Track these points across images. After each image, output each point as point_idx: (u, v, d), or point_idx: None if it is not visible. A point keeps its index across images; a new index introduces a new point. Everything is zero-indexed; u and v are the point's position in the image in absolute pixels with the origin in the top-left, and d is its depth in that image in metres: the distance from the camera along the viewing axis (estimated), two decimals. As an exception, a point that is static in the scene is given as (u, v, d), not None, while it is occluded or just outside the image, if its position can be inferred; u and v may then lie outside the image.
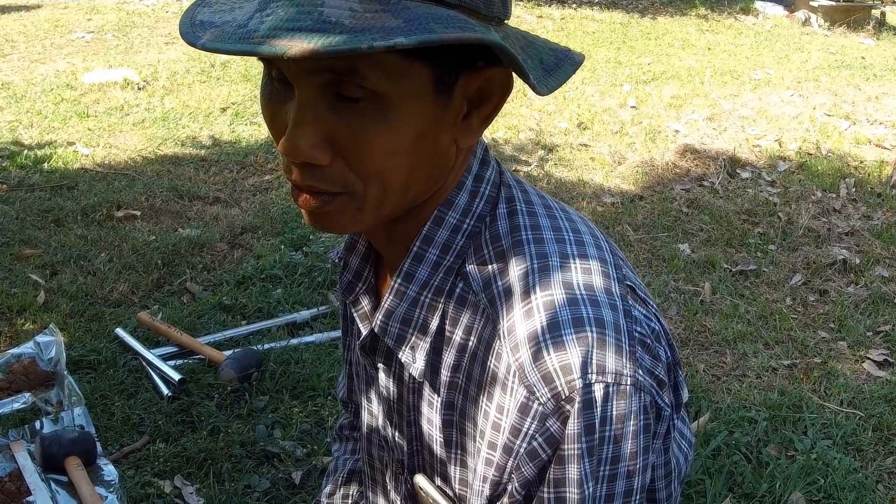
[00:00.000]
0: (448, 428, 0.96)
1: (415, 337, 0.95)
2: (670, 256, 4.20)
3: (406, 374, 1.01)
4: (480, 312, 0.91)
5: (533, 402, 0.84)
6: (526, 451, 0.85)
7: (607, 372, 0.83)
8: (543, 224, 0.94)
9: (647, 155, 5.56)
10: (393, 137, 0.83)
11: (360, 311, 1.05)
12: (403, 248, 0.96)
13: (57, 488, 2.45)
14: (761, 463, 2.74)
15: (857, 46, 9.90)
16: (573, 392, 0.82)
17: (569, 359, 0.83)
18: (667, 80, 7.50)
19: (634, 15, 10.82)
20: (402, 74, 0.80)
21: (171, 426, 2.75)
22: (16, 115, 5.83)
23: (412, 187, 0.89)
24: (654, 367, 0.88)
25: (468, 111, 0.89)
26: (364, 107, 0.81)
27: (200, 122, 5.84)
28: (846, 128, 6.32)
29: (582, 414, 0.82)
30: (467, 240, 0.94)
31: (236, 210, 4.47)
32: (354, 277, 1.06)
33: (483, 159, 0.97)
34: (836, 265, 4.21)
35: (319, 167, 0.85)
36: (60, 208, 4.32)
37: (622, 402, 0.83)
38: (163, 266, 3.81)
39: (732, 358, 3.40)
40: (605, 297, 0.88)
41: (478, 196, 0.95)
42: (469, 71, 0.85)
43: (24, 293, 3.47)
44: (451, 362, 0.93)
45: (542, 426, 0.84)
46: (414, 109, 0.83)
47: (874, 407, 3.10)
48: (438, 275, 0.94)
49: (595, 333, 0.84)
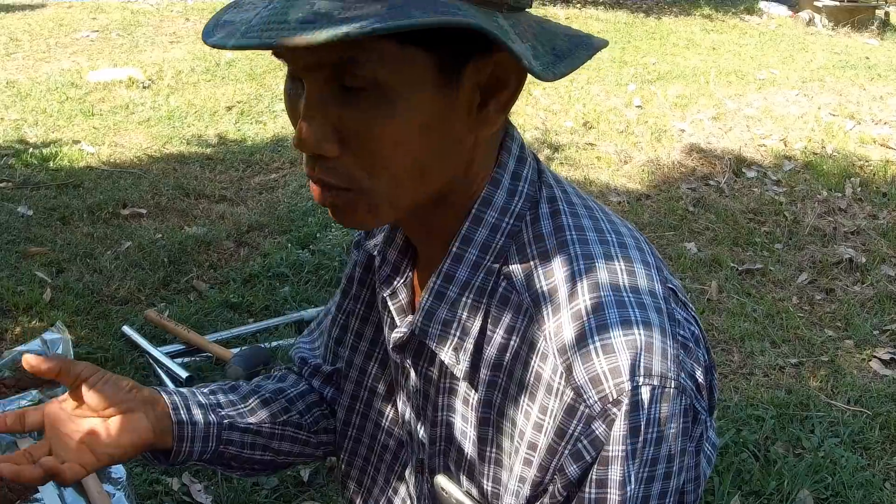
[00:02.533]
0: (484, 426, 0.95)
1: (457, 338, 0.94)
2: (677, 255, 4.20)
3: (435, 373, 1.00)
4: (523, 312, 0.90)
5: (580, 405, 0.84)
6: (570, 452, 0.85)
7: (654, 374, 0.83)
8: (587, 225, 0.93)
9: (652, 154, 5.56)
10: (398, 127, 0.82)
11: (396, 305, 1.04)
12: (440, 245, 0.95)
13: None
14: (769, 461, 2.74)
15: (862, 46, 9.88)
16: (621, 395, 0.82)
17: (618, 361, 0.83)
18: (672, 79, 7.49)
19: (639, 15, 10.81)
20: (401, 63, 0.80)
21: (179, 423, 2.75)
22: (21, 114, 5.84)
23: (427, 179, 0.88)
24: (694, 370, 0.89)
25: (483, 100, 0.88)
26: (368, 97, 0.81)
27: (206, 121, 5.85)
28: (851, 127, 6.31)
29: (629, 416, 0.82)
30: (507, 239, 0.93)
31: (242, 208, 4.47)
32: (392, 271, 1.05)
33: (520, 157, 0.96)
34: (843, 264, 4.20)
35: (329, 159, 0.85)
36: (66, 206, 4.32)
37: (666, 405, 0.84)
38: (169, 264, 3.81)
39: (740, 356, 3.40)
40: (650, 300, 0.88)
41: (516, 194, 0.94)
42: (477, 58, 0.85)
43: (30, 291, 3.47)
44: (492, 360, 0.92)
45: (587, 428, 0.84)
46: (418, 98, 0.82)
47: (881, 405, 3.10)
48: (479, 275, 0.93)
49: (643, 336, 0.84)
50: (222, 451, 1.16)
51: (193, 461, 1.15)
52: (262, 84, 6.68)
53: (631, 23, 10.25)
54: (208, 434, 1.14)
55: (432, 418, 1.02)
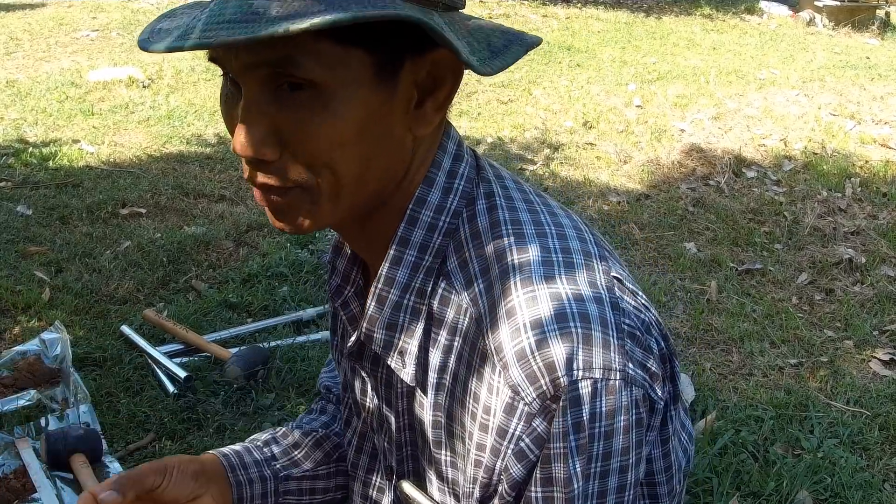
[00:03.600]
0: (437, 429, 0.94)
1: (402, 342, 0.93)
2: (676, 255, 4.20)
3: (394, 379, 0.99)
4: (464, 312, 0.89)
5: (518, 403, 0.83)
6: (514, 451, 0.84)
7: (594, 367, 0.82)
8: (524, 219, 0.92)
9: (652, 154, 5.55)
10: (336, 127, 0.82)
11: (348, 315, 1.04)
12: (381, 250, 0.95)
13: (62, 485, 2.44)
14: (768, 461, 2.74)
15: (862, 46, 9.88)
16: (559, 390, 0.81)
17: (552, 356, 0.81)
18: (672, 79, 7.49)
19: (639, 14, 10.81)
20: (337, 61, 0.80)
21: (177, 424, 2.75)
22: (21, 113, 5.83)
23: (369, 179, 0.87)
24: (646, 359, 0.86)
25: (421, 98, 0.88)
26: (305, 98, 0.82)
27: (206, 120, 5.84)
28: (851, 127, 6.31)
29: (569, 412, 0.81)
30: (445, 238, 0.92)
31: (242, 208, 4.47)
32: (343, 281, 1.04)
33: (456, 154, 0.95)
34: (842, 264, 4.20)
35: (270, 163, 0.85)
36: (65, 206, 4.32)
37: (611, 398, 0.82)
38: (168, 264, 3.80)
39: (739, 357, 3.39)
40: (589, 291, 0.86)
41: (451, 192, 0.93)
42: (414, 56, 0.84)
43: (29, 290, 3.47)
44: (438, 363, 0.92)
45: (528, 426, 0.83)
46: (355, 97, 0.82)
47: (880, 406, 3.09)
48: (419, 276, 0.92)
49: (580, 329, 0.83)
50: (282, 502, 1.20)
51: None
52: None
53: (631, 22, 10.24)
54: (266, 491, 1.17)
55: (396, 424, 1.01)
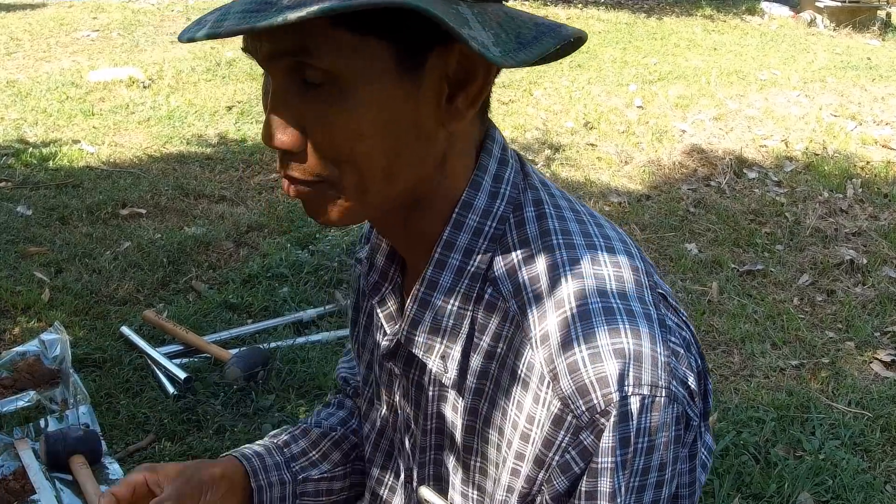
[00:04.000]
0: (469, 434, 0.93)
1: (444, 346, 0.92)
2: (677, 256, 4.19)
3: (426, 381, 0.98)
4: (510, 320, 0.88)
5: (567, 415, 0.82)
6: (558, 463, 0.83)
7: (643, 384, 0.81)
8: (573, 229, 0.91)
9: (653, 154, 5.55)
10: (355, 119, 0.81)
11: (385, 312, 1.02)
12: (423, 250, 0.94)
13: (62, 487, 2.44)
14: (769, 463, 2.73)
15: (863, 47, 9.88)
16: (609, 405, 0.80)
17: (605, 371, 0.81)
18: (673, 80, 7.48)
19: (640, 15, 10.81)
20: (354, 51, 0.79)
21: (177, 425, 2.74)
22: (21, 114, 5.83)
23: (397, 174, 0.86)
24: (686, 377, 0.86)
25: (452, 92, 0.85)
26: (325, 90, 0.81)
27: (206, 121, 5.84)
28: (852, 128, 6.30)
29: (618, 427, 0.81)
30: (491, 243, 0.91)
31: (242, 208, 4.46)
32: (381, 277, 1.03)
33: (501, 158, 0.93)
34: (844, 265, 4.19)
35: (294, 154, 0.85)
36: (65, 206, 4.31)
37: (656, 414, 0.82)
38: (168, 264, 3.80)
39: (740, 358, 3.39)
40: (639, 307, 0.86)
41: (498, 197, 0.92)
42: (440, 47, 0.82)
43: (28, 291, 3.46)
44: (478, 368, 0.91)
45: (575, 439, 0.82)
46: (376, 89, 0.81)
47: (882, 407, 3.08)
48: (464, 281, 0.91)
49: (632, 345, 0.82)
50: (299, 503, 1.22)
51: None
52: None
53: (632, 23, 10.24)
54: (284, 494, 1.19)
55: (423, 426, 1.00)
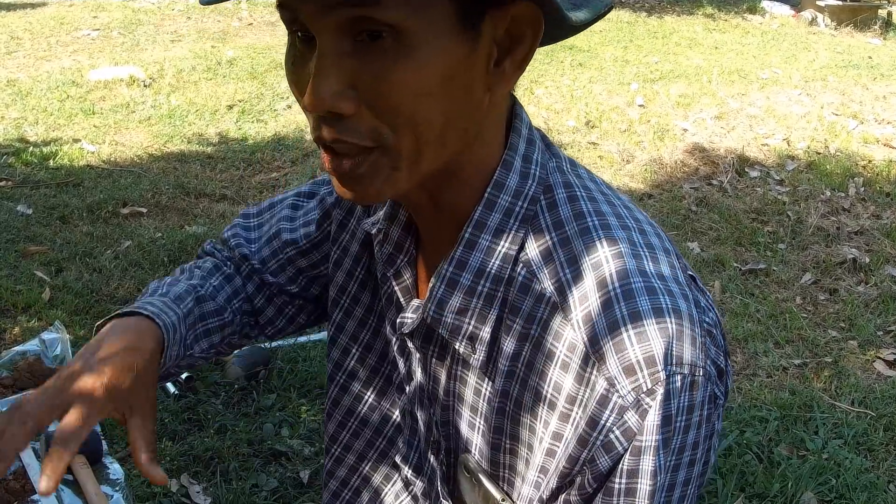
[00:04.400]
0: (500, 416, 0.93)
1: (472, 327, 0.91)
2: (679, 255, 4.18)
3: (448, 360, 0.97)
4: (546, 301, 0.87)
5: (613, 394, 0.82)
6: (602, 443, 0.83)
7: (685, 363, 0.82)
8: (606, 210, 0.91)
9: (655, 153, 5.54)
10: (419, 75, 0.79)
11: (402, 285, 1.01)
12: (449, 226, 0.93)
13: (62, 487, 2.41)
14: (773, 462, 2.72)
15: (864, 46, 9.87)
16: (656, 384, 0.81)
17: (652, 350, 0.81)
18: (674, 78, 7.48)
19: (641, 14, 10.80)
20: (421, 6, 0.77)
21: (178, 424, 2.73)
22: (21, 113, 5.82)
23: (448, 139, 0.85)
24: (717, 356, 0.87)
25: (499, 57, 0.85)
26: (386, 45, 0.78)
27: (207, 120, 5.83)
28: (854, 127, 6.30)
29: (663, 406, 0.81)
30: (522, 223, 0.90)
31: (243, 207, 4.44)
32: (395, 249, 1.02)
33: (529, 138, 0.93)
34: (846, 264, 4.18)
35: (346, 118, 0.81)
36: (66, 205, 4.30)
37: (695, 393, 0.82)
38: (169, 263, 3.79)
39: (743, 357, 3.38)
40: (677, 288, 0.86)
41: (529, 177, 0.91)
42: (494, 9, 0.82)
43: (29, 290, 3.45)
44: (511, 351, 0.90)
45: (620, 418, 0.82)
46: (439, 45, 0.79)
47: (885, 406, 3.08)
48: (495, 262, 0.90)
49: (674, 324, 0.82)
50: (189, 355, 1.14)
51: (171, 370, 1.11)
52: (263, 83, 6.66)
53: (633, 22, 10.23)
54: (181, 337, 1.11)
55: (443, 402, 1.00)
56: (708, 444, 0.87)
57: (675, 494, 0.85)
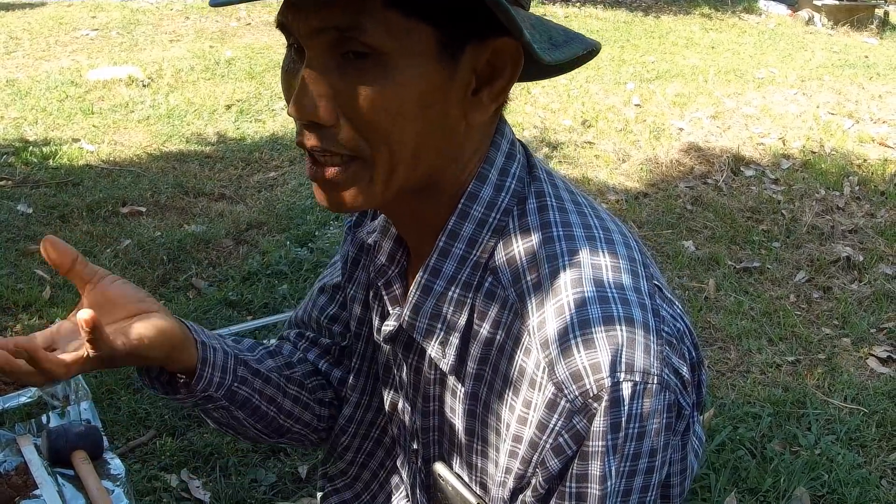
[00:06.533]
0: (471, 418, 0.96)
1: (443, 332, 0.95)
2: (674, 253, 4.21)
3: (425, 365, 1.01)
4: (509, 307, 0.91)
5: (561, 399, 0.85)
6: (552, 446, 0.86)
7: (635, 370, 0.84)
8: (574, 221, 0.94)
9: (651, 153, 5.56)
10: (395, 96, 0.84)
11: (391, 295, 1.05)
12: (428, 237, 0.97)
13: (63, 482, 2.45)
14: (766, 458, 2.75)
15: (861, 45, 9.89)
16: (601, 390, 0.83)
17: (598, 357, 0.84)
18: (671, 78, 7.50)
19: (638, 13, 10.81)
20: (403, 32, 0.82)
21: (178, 420, 2.76)
22: (21, 112, 5.84)
23: (421, 158, 0.89)
24: (680, 366, 0.89)
25: (478, 86, 0.89)
26: (368, 66, 0.83)
27: (205, 119, 5.85)
28: (850, 126, 6.32)
29: (609, 412, 0.83)
30: (494, 234, 0.94)
31: (241, 206, 4.48)
32: (388, 260, 1.06)
33: (509, 153, 0.97)
34: (840, 262, 4.21)
35: (327, 128, 0.86)
36: (66, 204, 4.33)
37: (647, 401, 0.84)
38: (168, 262, 3.81)
39: (737, 354, 3.41)
40: (634, 296, 0.88)
41: (503, 190, 0.95)
42: (476, 41, 0.86)
43: (29, 289, 3.48)
44: (478, 354, 0.93)
45: (568, 423, 0.85)
46: (418, 70, 0.84)
47: (878, 403, 3.10)
48: (466, 269, 0.94)
49: (625, 332, 0.85)
50: (236, 389, 1.11)
51: (211, 392, 1.08)
52: (261, 82, 6.68)
53: (630, 21, 10.25)
54: (226, 365, 1.09)
55: (422, 409, 1.03)
56: (670, 453, 0.89)
57: (633, 499, 0.87)
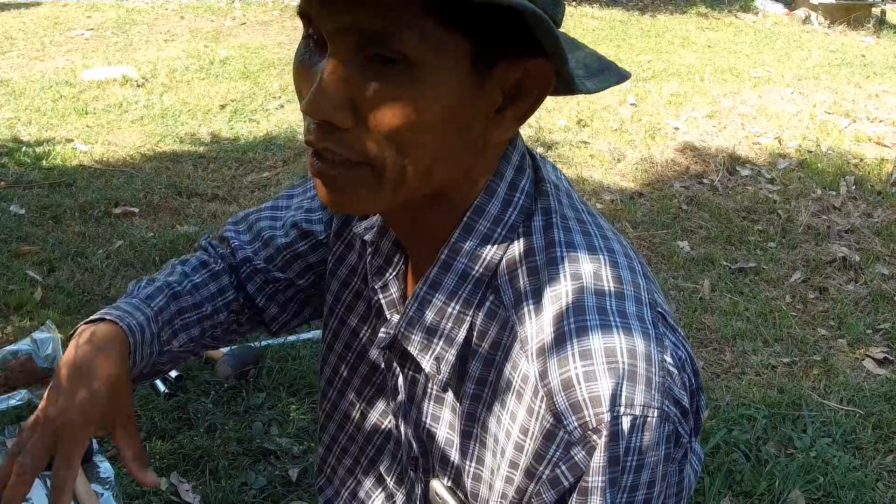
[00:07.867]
0: (466, 439, 0.93)
1: (440, 348, 0.92)
2: (669, 254, 4.19)
3: (421, 379, 0.98)
4: (509, 329, 0.88)
5: (559, 430, 0.82)
6: (548, 477, 0.83)
7: (636, 404, 0.81)
8: (578, 241, 0.91)
9: (646, 152, 5.55)
10: (420, 107, 0.79)
11: (388, 298, 1.02)
12: (428, 247, 0.93)
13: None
14: (760, 461, 2.73)
15: (858, 44, 9.89)
16: (601, 424, 0.80)
17: (599, 390, 0.81)
18: (667, 77, 7.49)
19: (634, 13, 10.80)
20: (438, 42, 0.77)
21: (168, 423, 2.74)
22: (15, 112, 5.82)
23: (436, 172, 0.85)
24: (681, 396, 0.86)
25: (503, 105, 0.86)
26: (395, 72, 0.78)
27: (199, 120, 5.83)
28: (846, 125, 6.31)
29: (609, 446, 0.81)
30: (498, 250, 0.90)
31: (235, 207, 4.46)
32: (385, 262, 1.02)
33: (519, 166, 0.93)
34: (836, 263, 4.20)
35: (339, 130, 0.81)
36: (59, 205, 4.31)
37: (647, 434, 0.82)
38: (160, 262, 3.79)
39: (732, 355, 3.39)
40: (637, 325, 0.85)
41: (511, 205, 0.91)
42: (509, 59, 0.83)
43: (21, 290, 3.46)
44: (477, 374, 0.91)
45: (566, 454, 0.82)
46: (446, 82, 0.79)
47: (874, 405, 3.09)
48: (467, 286, 0.91)
49: (626, 364, 0.82)
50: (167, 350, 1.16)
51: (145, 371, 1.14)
52: (255, 82, 6.66)
53: (626, 21, 10.24)
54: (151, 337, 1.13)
55: (416, 420, 1.00)
56: (668, 481, 0.87)
57: None
